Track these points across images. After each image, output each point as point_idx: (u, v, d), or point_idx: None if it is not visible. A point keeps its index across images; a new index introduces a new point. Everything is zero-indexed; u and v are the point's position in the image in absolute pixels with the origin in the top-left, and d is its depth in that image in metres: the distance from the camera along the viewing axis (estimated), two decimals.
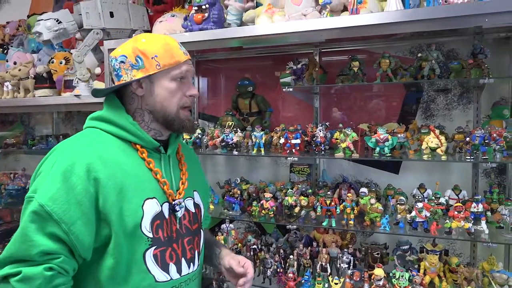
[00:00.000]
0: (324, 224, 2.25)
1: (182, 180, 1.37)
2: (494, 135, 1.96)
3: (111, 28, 2.60)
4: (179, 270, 1.30)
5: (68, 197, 1.12)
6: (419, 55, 2.18)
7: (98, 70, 2.70)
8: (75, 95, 2.56)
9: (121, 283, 1.20)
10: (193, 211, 1.39)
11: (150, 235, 1.22)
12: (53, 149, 1.25)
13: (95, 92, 1.34)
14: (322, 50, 2.66)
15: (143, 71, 1.25)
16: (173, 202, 1.29)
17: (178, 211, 1.29)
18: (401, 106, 2.57)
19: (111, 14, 2.61)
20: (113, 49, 2.31)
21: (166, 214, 1.28)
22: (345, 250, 2.34)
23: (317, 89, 2.60)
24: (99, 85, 2.59)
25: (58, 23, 2.43)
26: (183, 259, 1.31)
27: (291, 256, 2.36)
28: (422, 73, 2.11)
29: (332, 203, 2.22)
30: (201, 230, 1.44)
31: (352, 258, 2.30)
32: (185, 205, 1.34)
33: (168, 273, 1.27)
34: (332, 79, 2.46)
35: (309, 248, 2.44)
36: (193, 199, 1.41)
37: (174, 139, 1.39)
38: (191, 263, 1.35)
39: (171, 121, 1.30)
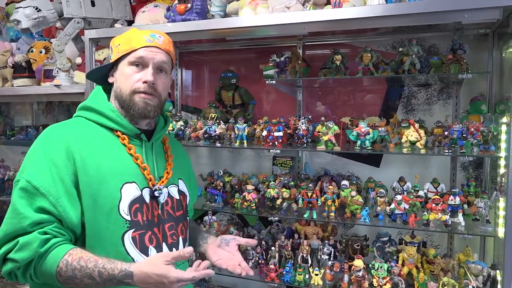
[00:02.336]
0: (305, 216, 2.28)
1: (167, 170, 1.40)
2: (472, 129, 2.01)
3: (92, 18, 2.57)
4: None
5: (52, 173, 1.18)
6: (400, 49, 2.21)
7: (79, 60, 2.66)
8: (55, 85, 2.52)
9: None
10: (177, 197, 1.42)
11: (128, 217, 1.25)
12: (42, 132, 1.32)
13: (88, 74, 1.53)
14: (306, 44, 2.67)
15: (112, 59, 1.38)
16: (153, 188, 1.31)
17: (158, 196, 1.32)
18: (383, 100, 2.61)
19: (92, 3, 2.58)
20: (94, 39, 2.33)
21: (147, 199, 1.31)
22: (326, 242, 2.37)
23: (300, 82, 2.61)
24: (79, 75, 2.56)
25: (38, 11, 2.39)
26: (164, 243, 1.33)
27: (272, 248, 2.38)
28: (403, 67, 2.14)
29: (314, 195, 2.25)
30: (187, 217, 1.46)
31: (332, 249, 2.34)
32: (168, 192, 1.37)
33: (148, 256, 1.28)
34: (315, 73, 2.48)
35: (291, 240, 2.47)
36: (178, 186, 1.43)
37: (160, 129, 1.43)
38: (174, 248, 1.36)
39: (127, 106, 1.33)
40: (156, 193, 1.31)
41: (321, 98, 2.73)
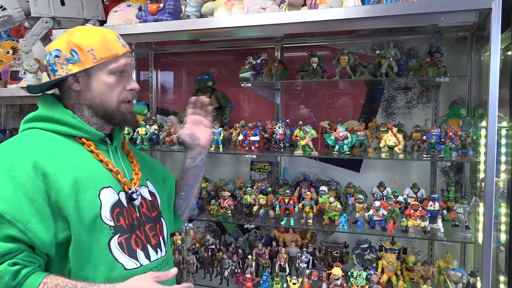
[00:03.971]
0: (282, 223, 2.26)
1: (134, 170, 1.38)
2: (450, 134, 2.02)
3: (61, 17, 2.51)
4: (147, 256, 1.30)
5: (18, 195, 1.11)
6: (377, 52, 2.22)
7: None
8: (21, 87, 2.46)
9: (90, 277, 1.17)
10: (150, 198, 1.39)
11: (112, 223, 1.22)
12: None
13: (31, 88, 1.32)
14: (284, 45, 2.67)
15: (79, 65, 1.24)
16: (129, 191, 1.29)
17: (136, 199, 1.30)
18: (362, 104, 2.61)
19: (62, 2, 2.52)
20: None
21: (124, 203, 1.28)
22: (304, 249, 2.36)
23: (278, 85, 2.60)
24: (47, 77, 2.49)
25: (2, 10, 2.32)
26: (148, 245, 1.31)
27: (249, 256, 2.36)
28: (380, 70, 2.15)
29: (291, 202, 2.23)
30: (162, 217, 1.43)
31: (311, 257, 2.33)
32: (141, 194, 1.34)
33: (137, 260, 1.26)
34: (293, 75, 2.47)
35: (269, 247, 2.45)
36: (147, 187, 1.41)
37: (118, 132, 1.39)
38: (158, 249, 1.35)
39: (112, 115, 1.30)
40: (134, 195, 1.30)
41: (300, 101, 2.72)
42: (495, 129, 1.66)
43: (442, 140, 2.01)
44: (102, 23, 2.64)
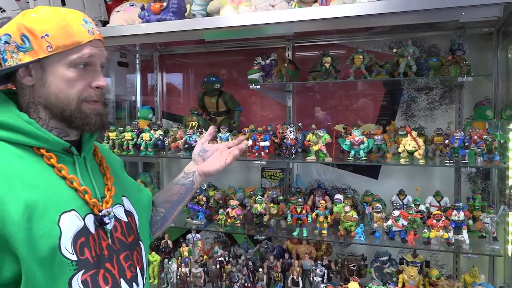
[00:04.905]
0: (294, 234, 2.24)
1: (107, 185, 1.21)
2: (475, 137, 1.98)
3: None
4: None
5: None
6: (394, 50, 2.20)
7: None
8: None
9: None
10: (125, 220, 1.23)
11: (74, 257, 1.04)
12: None
13: None
14: (295, 45, 2.66)
15: (31, 54, 1.06)
16: (100, 213, 1.12)
17: (108, 223, 1.13)
18: (380, 106, 2.59)
19: (63, 2, 2.56)
20: None
21: (92, 229, 1.11)
22: (319, 262, 2.33)
23: (289, 87, 2.59)
24: None
25: (1, 12, 2.37)
26: (121, 280, 1.15)
27: (260, 269, 2.34)
28: (398, 70, 2.12)
29: (303, 211, 2.22)
30: (140, 241, 1.27)
31: (326, 271, 2.30)
32: (114, 214, 1.18)
33: None
34: (305, 76, 2.46)
35: (281, 260, 2.43)
36: (123, 206, 1.25)
37: (88, 137, 1.21)
38: (134, 283, 1.19)
39: (71, 117, 1.11)
40: (106, 219, 1.12)
41: (313, 104, 2.71)
42: None
43: (466, 144, 1.97)
44: (104, 23, 2.68)
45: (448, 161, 2.02)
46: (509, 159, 2.02)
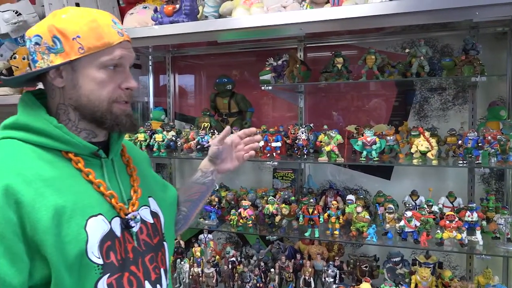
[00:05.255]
0: (306, 234, 2.25)
1: (133, 187, 1.22)
2: (489, 137, 1.97)
3: None
4: None
5: None
6: (407, 50, 2.19)
7: None
8: None
9: None
10: (151, 221, 1.23)
11: (100, 261, 1.06)
12: None
13: (6, 82, 1.18)
14: (307, 45, 2.67)
15: (62, 55, 1.06)
16: (127, 217, 1.13)
17: (134, 226, 1.14)
18: (392, 106, 2.58)
19: (77, 5, 2.60)
20: None
21: (118, 232, 1.11)
22: (331, 263, 2.34)
23: (301, 88, 2.60)
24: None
25: (18, 15, 2.42)
26: (146, 282, 1.16)
27: (272, 270, 2.35)
28: (410, 70, 2.12)
29: (315, 212, 2.22)
30: (164, 242, 1.28)
31: (338, 271, 2.30)
32: (140, 217, 1.18)
33: None
34: (317, 77, 2.47)
35: (293, 260, 2.44)
36: (149, 207, 1.25)
37: (116, 139, 1.22)
38: (157, 285, 1.20)
39: (101, 118, 1.11)
40: (132, 223, 1.13)
41: (325, 104, 2.71)
42: None
43: (479, 144, 1.96)
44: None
45: (461, 162, 2.01)
46: None
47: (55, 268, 0.99)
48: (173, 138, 2.61)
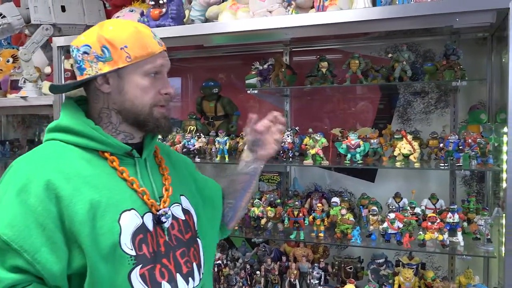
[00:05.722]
0: (291, 237, 2.27)
1: (165, 186, 1.28)
2: (469, 141, 2.01)
3: (62, 24, 2.59)
4: None
5: (28, 221, 1.05)
6: (390, 55, 2.23)
7: (48, 70, 2.68)
8: (21, 97, 2.53)
9: None
10: (183, 218, 1.29)
11: (133, 252, 1.13)
12: (9, 167, 1.19)
13: (53, 88, 1.28)
14: (293, 49, 2.70)
15: (110, 64, 1.16)
16: (158, 213, 1.20)
17: (165, 222, 1.21)
18: (376, 109, 2.62)
19: (63, 8, 2.60)
20: (63, 46, 2.35)
21: (150, 226, 1.19)
22: (316, 264, 2.36)
23: (287, 91, 2.62)
24: (48, 85, 2.57)
25: (2, 18, 2.41)
26: (178, 275, 1.22)
27: (258, 272, 2.37)
28: (393, 75, 2.16)
29: (300, 214, 2.24)
30: (198, 238, 1.34)
31: (323, 273, 2.33)
32: (171, 213, 1.25)
33: None
34: (303, 81, 2.50)
35: (278, 263, 2.46)
36: (181, 204, 1.31)
37: (150, 140, 1.30)
38: (190, 278, 1.25)
39: (144, 122, 1.22)
40: (163, 219, 1.20)
41: (311, 108, 2.74)
42: None
43: (460, 147, 2.00)
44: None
45: (442, 164, 2.05)
46: (503, 162, 2.05)
47: (90, 257, 1.08)
48: (159, 141, 2.61)
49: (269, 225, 2.38)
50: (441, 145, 2.08)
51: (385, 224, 2.10)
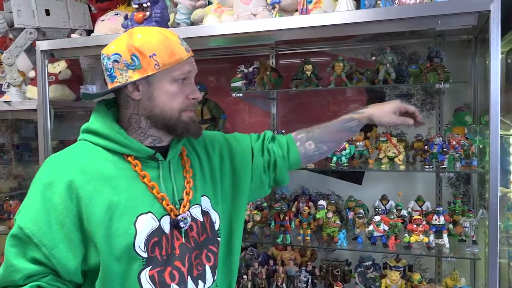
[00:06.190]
0: (278, 240, 2.27)
1: (186, 189, 1.30)
2: (453, 143, 2.02)
3: (46, 27, 2.56)
4: None
5: (49, 218, 1.12)
6: (373, 58, 2.24)
7: (32, 74, 2.66)
8: (4, 101, 2.50)
9: None
10: (201, 220, 1.31)
11: (145, 254, 1.18)
12: (43, 163, 1.26)
13: (85, 96, 1.33)
14: (280, 52, 2.70)
15: (140, 71, 1.19)
16: (177, 218, 1.22)
17: (183, 227, 1.23)
18: None
19: (47, 12, 2.57)
20: (47, 50, 2.33)
21: (167, 229, 1.22)
22: (303, 268, 2.36)
23: (274, 94, 2.62)
24: (32, 90, 2.55)
25: None
26: (189, 277, 1.24)
27: (244, 276, 2.36)
28: (378, 77, 2.16)
29: (286, 218, 2.24)
30: (217, 239, 1.35)
31: (310, 276, 2.32)
32: (190, 214, 1.27)
33: None
34: (289, 83, 2.49)
35: (266, 266, 2.45)
36: (201, 206, 1.32)
37: (176, 143, 1.32)
38: (199, 281, 1.27)
39: (173, 126, 1.24)
40: (181, 224, 1.23)
41: (297, 111, 2.74)
42: (497, 137, 1.65)
43: (444, 149, 2.01)
44: (89, 32, 2.70)
45: (427, 167, 2.06)
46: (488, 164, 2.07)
47: (103, 256, 1.14)
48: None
49: (255, 228, 2.37)
50: (426, 147, 2.08)
51: (371, 227, 2.10)
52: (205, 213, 1.33)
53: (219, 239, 1.35)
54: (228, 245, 1.40)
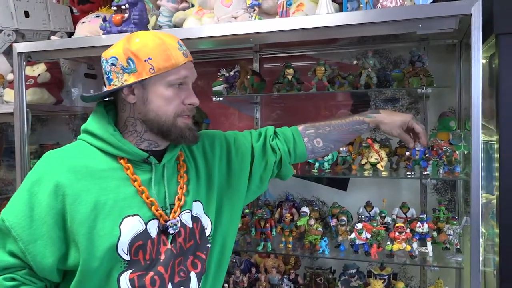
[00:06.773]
0: (259, 248, 2.22)
1: (178, 195, 1.29)
2: (436, 149, 1.99)
3: (25, 29, 2.52)
4: None
5: (32, 213, 1.14)
6: (355, 62, 2.21)
7: (10, 76, 2.60)
8: None
9: None
10: (190, 226, 1.29)
11: (127, 257, 1.17)
12: (40, 159, 1.27)
13: (84, 98, 1.33)
14: (263, 56, 2.66)
15: (135, 75, 1.20)
16: (166, 223, 1.21)
17: (172, 233, 1.23)
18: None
19: (26, 14, 2.53)
20: (24, 53, 2.29)
21: (153, 233, 1.21)
22: (285, 276, 2.31)
23: (257, 99, 2.59)
24: (10, 93, 2.50)
25: None
26: (169, 284, 1.23)
27: (225, 285, 2.31)
28: (360, 82, 2.13)
29: (267, 225, 2.20)
30: (207, 245, 1.33)
31: (292, 285, 2.28)
32: (180, 219, 1.25)
33: None
34: (271, 88, 2.46)
35: (247, 275, 2.40)
36: (191, 211, 1.31)
37: (173, 147, 1.32)
38: (181, 287, 1.25)
39: (167, 131, 1.24)
40: (170, 230, 1.22)
41: (281, 115, 2.71)
42: (479, 143, 1.63)
43: (427, 156, 1.98)
44: (70, 35, 2.66)
45: (409, 173, 2.03)
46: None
47: (84, 256, 1.14)
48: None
49: (236, 236, 2.32)
50: (407, 153, 2.05)
51: (353, 235, 2.06)
52: (195, 219, 1.31)
53: (209, 245, 1.34)
54: (221, 251, 1.38)
